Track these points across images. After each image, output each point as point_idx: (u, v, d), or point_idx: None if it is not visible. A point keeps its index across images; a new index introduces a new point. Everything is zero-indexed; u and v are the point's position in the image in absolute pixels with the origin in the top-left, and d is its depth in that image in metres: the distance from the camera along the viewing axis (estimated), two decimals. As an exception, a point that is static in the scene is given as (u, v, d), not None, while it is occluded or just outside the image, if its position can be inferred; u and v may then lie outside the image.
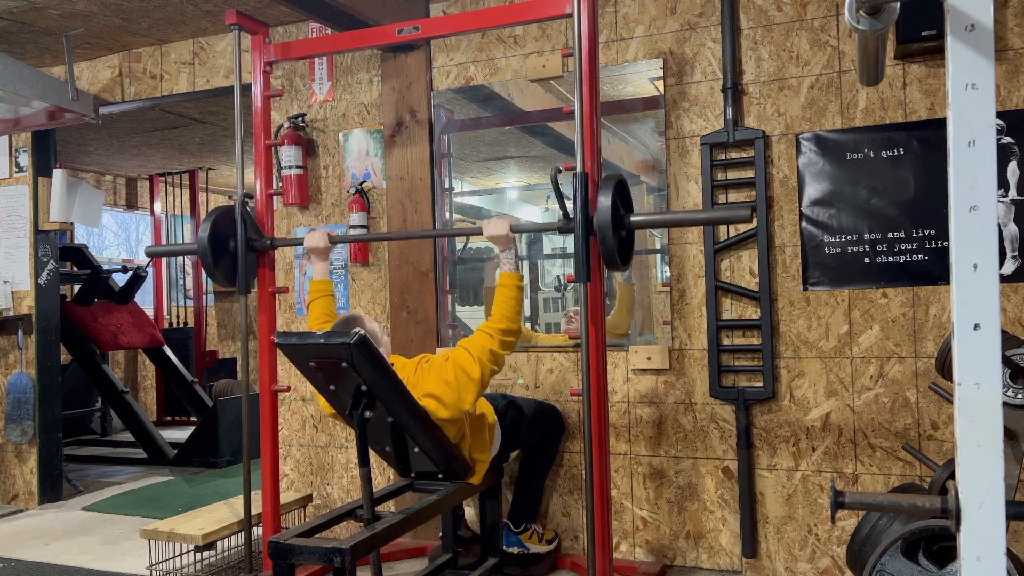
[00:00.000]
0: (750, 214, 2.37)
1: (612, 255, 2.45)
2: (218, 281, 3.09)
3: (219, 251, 3.05)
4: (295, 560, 2.14)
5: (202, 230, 2.99)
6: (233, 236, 3.10)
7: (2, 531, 4.21)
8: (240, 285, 3.10)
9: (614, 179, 2.48)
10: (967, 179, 1.18)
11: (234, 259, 3.10)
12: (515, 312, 2.65)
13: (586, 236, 2.52)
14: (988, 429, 1.17)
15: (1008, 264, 2.85)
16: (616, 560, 3.24)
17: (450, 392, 2.56)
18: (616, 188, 2.47)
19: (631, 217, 2.54)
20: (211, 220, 3.02)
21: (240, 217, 3.06)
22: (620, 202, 2.50)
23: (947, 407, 2.91)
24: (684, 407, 3.26)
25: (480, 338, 2.63)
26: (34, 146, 4.67)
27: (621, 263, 2.51)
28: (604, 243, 2.44)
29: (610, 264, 2.49)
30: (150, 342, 6.21)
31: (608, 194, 2.44)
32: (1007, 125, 2.85)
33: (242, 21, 3.10)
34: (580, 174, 2.52)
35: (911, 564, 2.00)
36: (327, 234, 3.02)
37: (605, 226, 2.42)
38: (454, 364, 2.60)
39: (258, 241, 3.11)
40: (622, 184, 2.53)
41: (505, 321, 2.63)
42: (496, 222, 2.68)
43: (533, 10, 2.75)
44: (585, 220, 2.51)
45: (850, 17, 1.42)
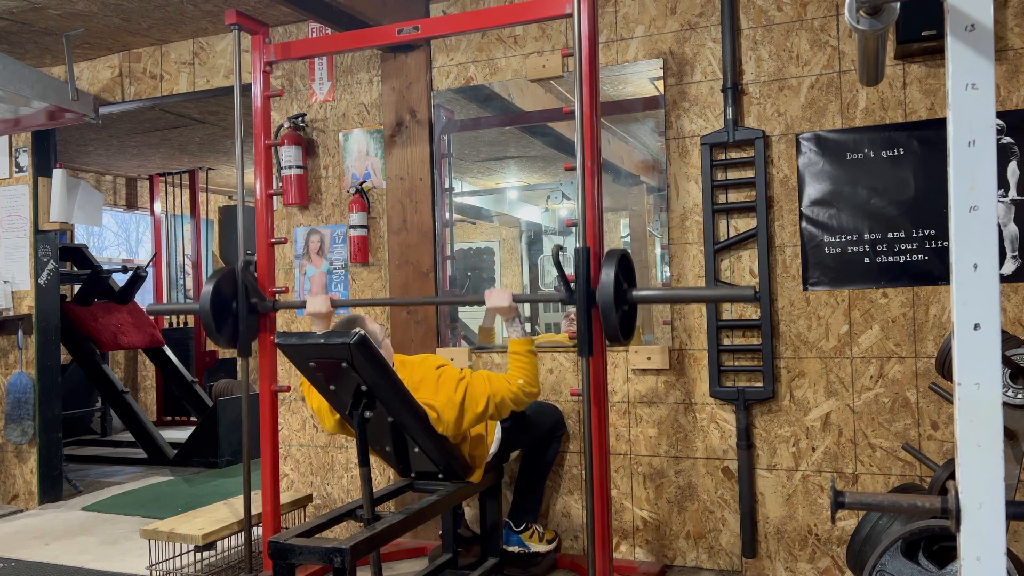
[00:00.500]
0: (753, 294, 2.37)
1: (615, 331, 2.43)
2: (220, 343, 3.09)
3: (221, 312, 3.03)
4: (295, 560, 2.14)
5: (204, 292, 2.98)
6: (235, 297, 3.08)
7: (2, 531, 4.21)
8: (241, 348, 3.09)
9: (617, 254, 2.46)
10: (967, 179, 1.18)
11: (235, 320, 3.08)
12: (535, 376, 2.72)
13: (588, 311, 2.50)
14: (988, 429, 1.17)
15: (1008, 264, 2.85)
16: (616, 560, 3.24)
17: (451, 412, 2.58)
18: (619, 263, 2.45)
19: (634, 292, 2.52)
20: (213, 282, 3.01)
21: (242, 282, 3.05)
22: (623, 276, 2.48)
23: (947, 407, 2.91)
24: (684, 407, 3.26)
25: (500, 383, 2.66)
26: (34, 146, 4.67)
27: (624, 338, 2.49)
28: (607, 319, 2.41)
29: (612, 339, 2.47)
30: (150, 342, 6.20)
31: (611, 269, 2.41)
32: (1007, 125, 2.85)
33: (242, 21, 3.10)
34: (582, 249, 2.50)
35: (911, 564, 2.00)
36: (329, 299, 2.99)
37: (608, 301, 2.39)
38: (466, 387, 2.62)
39: (260, 304, 3.10)
40: (625, 259, 2.51)
41: (527, 385, 2.68)
42: (498, 293, 2.70)
43: (533, 10, 2.75)
44: (587, 294, 2.49)
45: (850, 17, 1.42)
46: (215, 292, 2.99)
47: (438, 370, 2.73)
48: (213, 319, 2.98)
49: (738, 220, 3.19)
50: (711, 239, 3.19)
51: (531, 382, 2.69)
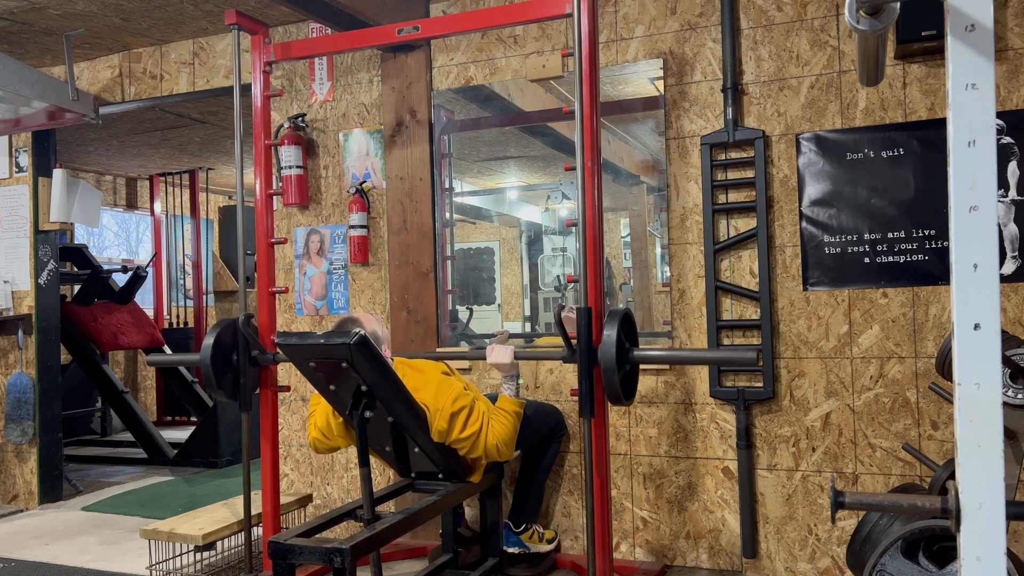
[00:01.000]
0: (755, 358, 2.36)
1: (616, 392, 2.42)
2: (220, 396, 3.10)
3: (221, 364, 3.04)
4: (295, 560, 2.14)
5: (205, 344, 2.99)
6: (235, 348, 3.09)
7: (2, 531, 4.21)
8: (242, 402, 3.10)
9: (619, 314, 2.45)
10: (967, 179, 1.18)
11: (236, 372, 3.09)
12: (512, 439, 2.71)
13: (589, 370, 2.49)
14: (988, 429, 1.17)
15: (1008, 264, 2.85)
16: (616, 560, 3.24)
17: (442, 420, 2.59)
18: (621, 322, 2.44)
19: (635, 352, 2.51)
20: (214, 334, 3.02)
21: (242, 336, 3.05)
22: (624, 336, 2.47)
23: (947, 407, 2.91)
24: (684, 407, 3.26)
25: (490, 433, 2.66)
26: (34, 146, 4.67)
27: (625, 398, 2.48)
28: (608, 379, 2.41)
29: (614, 400, 2.46)
30: (150, 342, 6.20)
31: (613, 329, 2.40)
32: (1007, 125, 2.85)
33: (242, 21, 3.10)
34: (583, 310, 2.50)
35: (911, 564, 2.00)
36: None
37: (609, 362, 2.38)
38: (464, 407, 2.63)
39: (261, 356, 3.10)
40: (628, 318, 2.51)
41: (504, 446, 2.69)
42: (500, 350, 2.70)
43: (533, 10, 2.75)
44: (589, 354, 2.48)
45: (850, 17, 1.42)
46: (216, 344, 3.01)
47: (442, 376, 2.74)
48: (213, 371, 2.99)
49: (738, 220, 3.19)
50: (711, 239, 3.19)
51: (508, 444, 2.69)
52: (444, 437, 2.61)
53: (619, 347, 2.41)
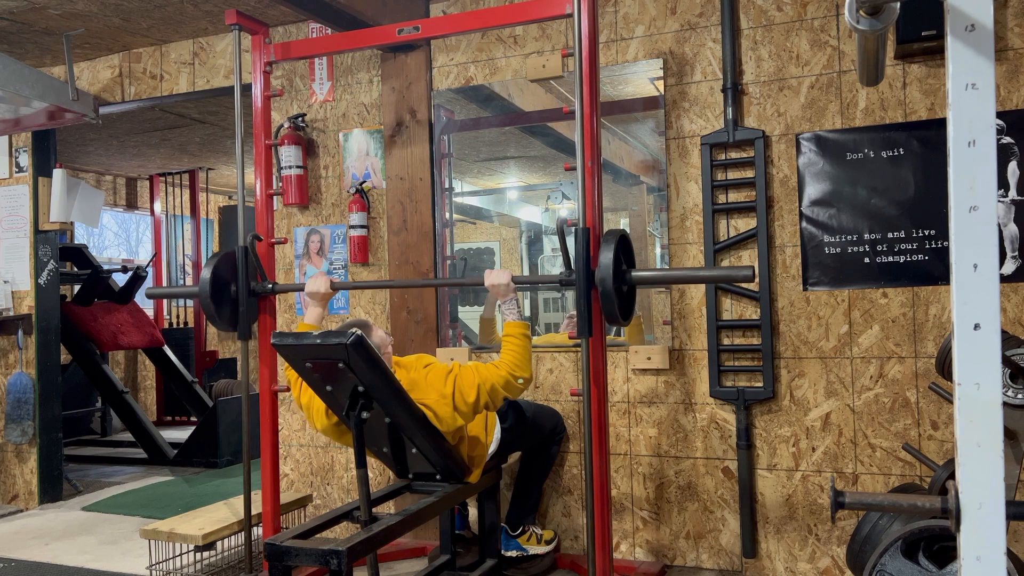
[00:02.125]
0: (752, 273, 2.36)
1: (613, 311, 2.43)
2: (219, 326, 3.06)
3: (220, 295, 3.01)
4: (292, 562, 2.14)
5: (203, 274, 2.96)
6: (235, 280, 3.06)
7: (2, 531, 4.21)
8: (241, 330, 3.08)
9: (616, 234, 2.45)
10: (967, 179, 1.18)
11: (235, 304, 3.06)
12: (525, 360, 2.67)
13: (587, 291, 2.49)
14: (988, 429, 1.16)
15: (1008, 264, 2.85)
16: (616, 560, 3.23)
17: (445, 407, 2.58)
18: (619, 243, 2.44)
19: (633, 272, 2.51)
20: (213, 264, 2.99)
21: (243, 259, 3.03)
22: (622, 257, 2.48)
23: (947, 407, 2.91)
24: (684, 407, 3.26)
25: (489, 371, 2.64)
26: (34, 146, 4.67)
27: (622, 318, 2.48)
28: (605, 299, 2.41)
29: (611, 320, 2.47)
30: (150, 342, 6.21)
31: (610, 249, 2.41)
32: (1007, 125, 2.84)
33: (242, 21, 3.10)
34: (582, 229, 2.50)
35: (911, 564, 2.00)
36: (328, 280, 2.97)
37: (607, 282, 2.39)
38: (455, 380, 2.62)
39: (259, 285, 3.08)
40: (624, 239, 2.51)
41: (517, 368, 2.65)
42: (497, 272, 2.69)
43: (533, 10, 2.74)
44: (586, 275, 2.49)
45: (850, 17, 1.42)
46: (214, 275, 2.98)
47: (426, 368, 2.72)
48: (213, 302, 2.97)
49: (738, 220, 3.19)
50: (711, 239, 3.19)
51: (521, 366, 2.64)
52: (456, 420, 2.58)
53: (616, 268, 2.41)
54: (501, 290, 2.69)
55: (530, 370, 2.69)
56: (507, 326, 2.70)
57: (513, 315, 2.71)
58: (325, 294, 2.96)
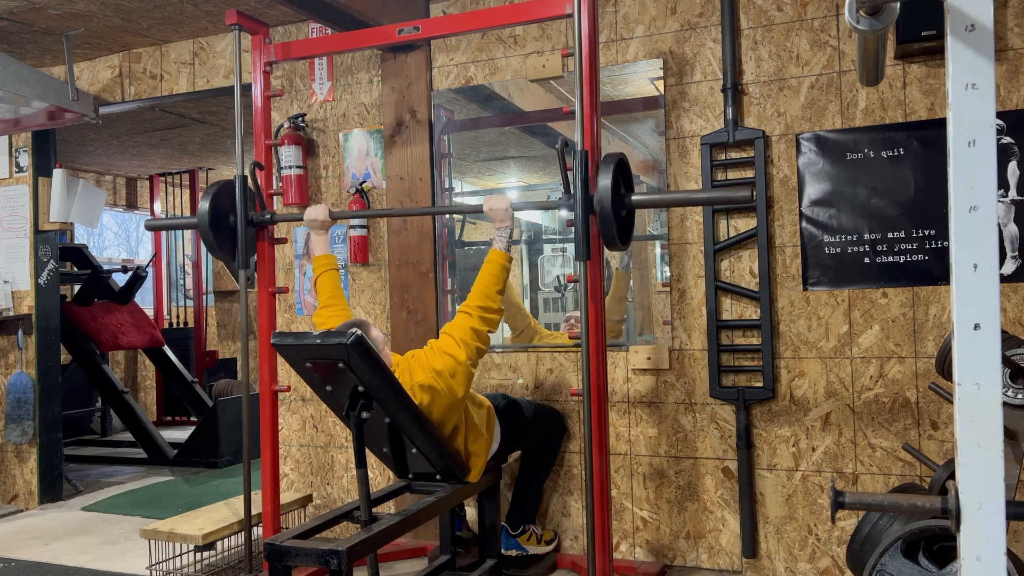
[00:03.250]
0: (750, 193, 2.35)
1: (612, 234, 2.44)
2: (217, 255, 3.07)
3: (219, 225, 3.02)
4: (291, 562, 2.14)
5: (202, 204, 2.96)
6: (233, 211, 3.07)
7: (2, 531, 4.21)
8: (239, 259, 3.08)
9: (615, 157, 2.45)
10: (967, 179, 1.18)
11: (234, 234, 3.07)
12: (494, 289, 2.61)
13: (586, 214, 2.49)
14: (988, 429, 1.16)
15: (1008, 264, 2.85)
16: (616, 560, 3.23)
17: (441, 380, 2.56)
18: (617, 167, 2.44)
19: (631, 196, 2.52)
20: (211, 193, 2.99)
21: (241, 188, 3.02)
22: (621, 181, 2.48)
23: (947, 407, 2.90)
24: (684, 407, 3.26)
25: (460, 319, 2.61)
26: (34, 146, 4.67)
27: (621, 242, 2.49)
28: (604, 222, 2.42)
29: (609, 243, 2.48)
30: (150, 342, 6.20)
31: (609, 173, 2.41)
32: (1007, 125, 2.84)
33: (242, 21, 3.10)
34: (581, 152, 2.50)
35: (911, 564, 2.00)
36: (327, 208, 3.01)
37: (605, 204, 2.40)
38: (440, 351, 2.60)
39: (258, 215, 3.09)
40: (623, 163, 2.50)
41: (483, 298, 2.60)
42: (497, 197, 2.68)
43: (533, 10, 2.74)
44: (585, 198, 2.49)
45: (850, 17, 1.42)
46: (213, 205, 2.98)
47: (413, 358, 2.70)
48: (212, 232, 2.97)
49: (738, 220, 3.19)
50: (711, 239, 3.19)
51: (488, 294, 2.58)
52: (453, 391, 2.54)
53: (615, 192, 2.41)
54: (499, 215, 2.66)
55: (498, 301, 2.61)
56: (491, 253, 2.66)
57: (501, 243, 2.66)
58: (324, 221, 3.01)
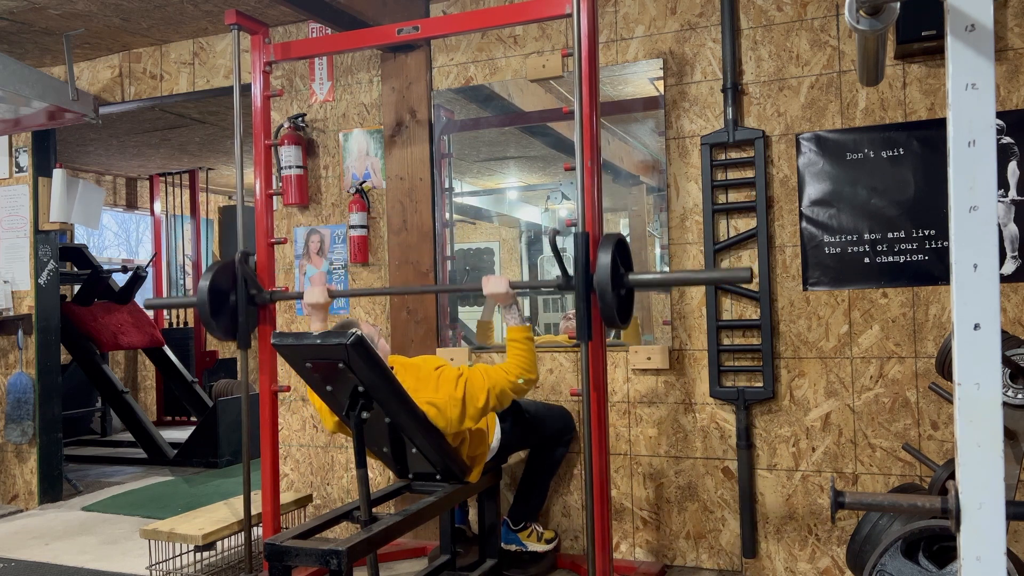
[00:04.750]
0: (750, 274, 2.37)
1: (612, 315, 2.43)
2: (217, 336, 3.06)
3: (218, 304, 3.01)
4: (292, 562, 2.14)
5: (201, 285, 2.96)
6: (233, 289, 3.07)
7: (2, 531, 4.21)
8: (241, 340, 3.08)
9: (614, 238, 2.47)
10: (967, 179, 1.18)
11: (234, 312, 3.07)
12: (532, 363, 2.70)
13: (586, 295, 2.50)
14: (988, 429, 1.16)
15: (1008, 264, 2.85)
16: (616, 560, 3.23)
17: (454, 409, 2.60)
18: (616, 247, 2.45)
19: (631, 276, 2.52)
20: (210, 274, 2.99)
21: (240, 274, 3.04)
22: (620, 261, 2.49)
23: (947, 407, 2.90)
24: (684, 407, 3.26)
25: (498, 374, 2.67)
26: (34, 146, 4.67)
27: (621, 321, 2.49)
28: (604, 303, 2.42)
29: (610, 323, 2.48)
30: (150, 342, 6.20)
31: (608, 253, 2.42)
32: (1007, 125, 2.84)
33: (242, 21, 3.10)
34: (581, 234, 2.50)
35: (911, 564, 2.00)
36: (326, 289, 2.99)
37: (605, 286, 2.40)
38: (465, 384, 2.63)
39: (258, 296, 3.09)
40: (622, 243, 2.52)
41: (524, 372, 2.68)
42: (495, 280, 2.70)
43: (533, 10, 2.74)
44: (585, 279, 2.49)
45: (850, 17, 1.42)
46: (213, 285, 2.98)
47: (437, 370, 2.73)
48: (211, 311, 2.97)
49: (738, 220, 3.19)
50: (711, 239, 3.19)
51: (528, 369, 2.68)
52: (461, 421, 2.60)
53: (614, 271, 2.42)
54: (500, 297, 2.71)
55: (536, 371, 2.72)
56: (510, 331, 2.72)
57: (514, 320, 2.72)
58: (324, 303, 3.01)
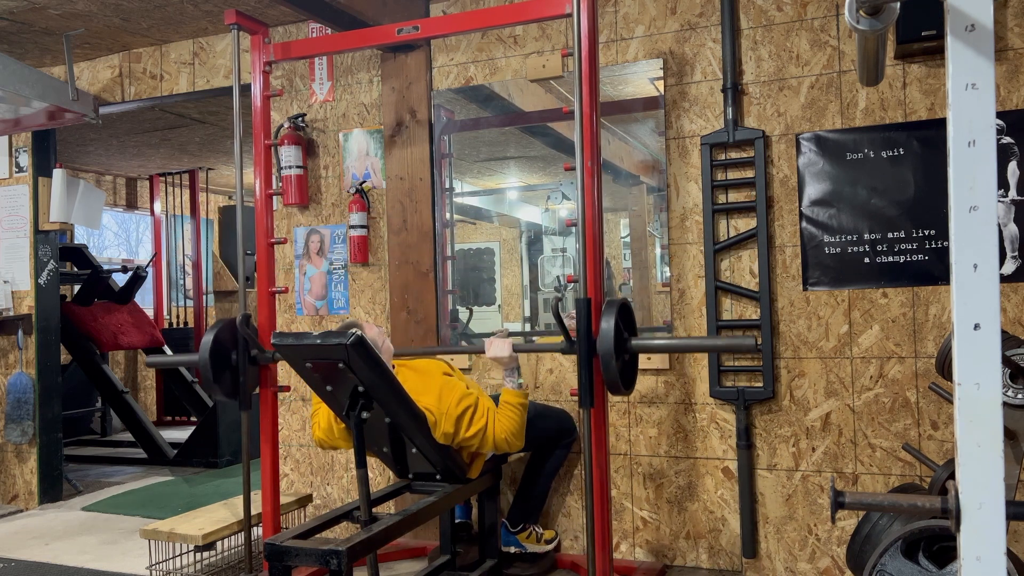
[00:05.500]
0: (755, 344, 2.38)
1: (615, 381, 2.43)
2: (218, 396, 3.08)
3: (220, 363, 3.02)
4: (292, 562, 2.14)
5: (203, 343, 2.97)
6: (234, 348, 3.08)
7: (2, 531, 4.21)
8: (242, 401, 3.09)
9: (617, 304, 2.47)
10: (967, 179, 1.18)
11: (236, 371, 3.08)
12: (520, 431, 2.72)
13: (589, 361, 2.50)
14: (988, 429, 1.16)
15: (1008, 264, 2.85)
16: (616, 560, 3.23)
17: (448, 423, 2.61)
18: (619, 312, 2.45)
19: (634, 342, 2.52)
20: (212, 334, 3.00)
21: (241, 335, 3.04)
22: (623, 326, 2.49)
23: (947, 407, 2.90)
24: (684, 407, 3.26)
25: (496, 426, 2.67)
26: (34, 146, 4.67)
27: (624, 388, 2.49)
28: (607, 369, 2.41)
29: (613, 390, 2.48)
30: (150, 342, 6.20)
31: (611, 319, 2.41)
32: (1007, 125, 2.84)
33: (242, 21, 3.10)
34: (583, 300, 2.50)
35: (911, 564, 2.00)
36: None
37: (608, 353, 2.39)
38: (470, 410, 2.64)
39: (260, 356, 3.09)
40: (625, 308, 2.52)
41: (513, 438, 2.69)
42: (498, 343, 2.71)
43: (533, 10, 2.74)
44: (588, 345, 2.49)
45: (850, 17, 1.42)
46: (215, 343, 2.99)
47: (444, 377, 2.74)
48: (212, 370, 2.98)
49: (738, 220, 3.19)
50: (711, 239, 3.19)
51: (516, 435, 2.70)
52: (450, 439, 2.62)
53: (617, 337, 2.42)
54: (503, 361, 2.73)
55: (522, 441, 2.74)
56: (506, 393, 2.73)
57: (513, 383, 2.75)
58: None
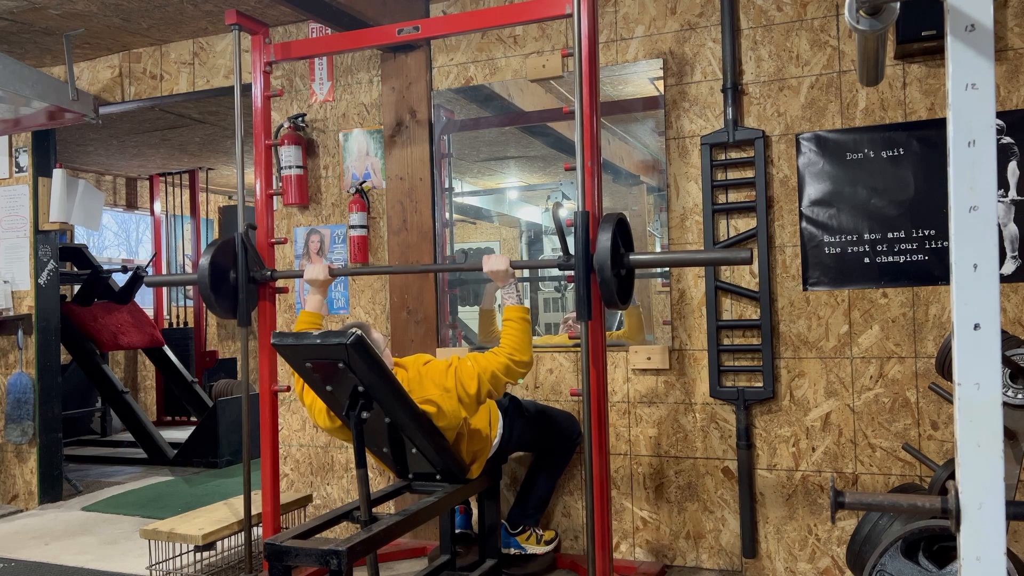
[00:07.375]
0: (750, 256, 2.37)
1: (611, 294, 2.44)
2: (217, 313, 3.06)
3: (219, 282, 3.01)
4: (292, 562, 2.14)
5: (202, 261, 2.96)
6: (233, 267, 3.06)
7: (2, 531, 4.21)
8: (241, 317, 3.08)
9: (615, 217, 2.47)
10: (967, 179, 1.18)
11: (234, 290, 3.06)
12: (524, 344, 2.68)
13: (586, 275, 2.50)
14: (988, 429, 1.16)
15: (1008, 264, 2.85)
16: (616, 560, 3.23)
17: (448, 401, 2.59)
18: (616, 227, 2.45)
19: (631, 256, 2.52)
20: (211, 251, 2.99)
21: (241, 248, 3.04)
22: (621, 241, 2.49)
23: (947, 407, 2.91)
24: (684, 407, 3.26)
25: (487, 358, 2.66)
26: (34, 146, 4.67)
27: (620, 302, 2.50)
28: (604, 282, 2.42)
29: (609, 303, 2.48)
30: (150, 342, 6.20)
31: (608, 233, 2.42)
32: (1007, 125, 2.84)
33: (242, 21, 3.10)
34: (581, 213, 2.50)
35: (911, 564, 2.00)
36: (327, 267, 2.99)
37: (605, 265, 2.40)
38: (455, 373, 2.63)
39: (258, 272, 3.08)
40: (623, 223, 2.52)
41: (516, 352, 2.66)
42: (495, 258, 2.70)
43: (533, 10, 2.74)
44: (585, 259, 2.50)
45: (850, 17, 1.42)
46: (213, 262, 2.98)
47: (425, 365, 2.74)
48: (211, 289, 2.97)
49: (738, 220, 3.19)
50: (711, 239, 3.19)
51: (520, 349, 2.66)
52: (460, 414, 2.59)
53: (614, 251, 2.42)
54: (500, 275, 2.70)
55: (530, 353, 2.70)
56: (507, 310, 2.71)
57: (512, 299, 2.72)
58: (324, 280, 2.99)
